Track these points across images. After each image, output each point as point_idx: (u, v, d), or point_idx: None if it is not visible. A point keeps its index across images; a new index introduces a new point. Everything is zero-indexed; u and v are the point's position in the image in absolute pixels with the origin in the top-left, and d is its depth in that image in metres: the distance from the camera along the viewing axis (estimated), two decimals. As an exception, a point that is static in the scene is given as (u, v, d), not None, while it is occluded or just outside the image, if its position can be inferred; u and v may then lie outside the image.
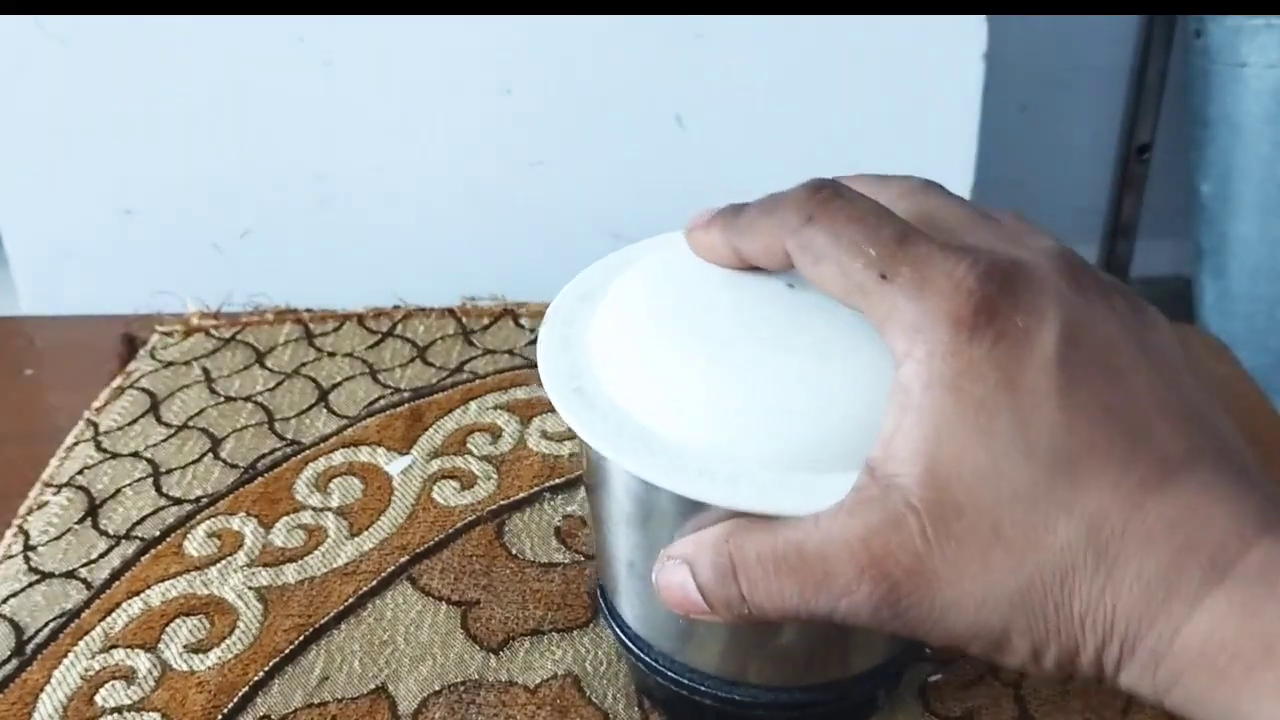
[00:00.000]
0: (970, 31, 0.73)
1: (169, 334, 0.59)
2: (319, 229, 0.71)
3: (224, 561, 0.45)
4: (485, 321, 0.60)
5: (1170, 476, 0.26)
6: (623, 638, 0.38)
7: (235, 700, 0.40)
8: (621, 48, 0.73)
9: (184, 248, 0.69)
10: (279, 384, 0.56)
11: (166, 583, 0.44)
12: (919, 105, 0.77)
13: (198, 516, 0.48)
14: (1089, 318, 0.28)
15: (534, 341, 0.59)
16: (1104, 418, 0.27)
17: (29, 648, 0.42)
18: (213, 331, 0.59)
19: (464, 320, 0.60)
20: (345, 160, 0.74)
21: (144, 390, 0.55)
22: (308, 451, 0.52)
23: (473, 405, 0.54)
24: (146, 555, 0.46)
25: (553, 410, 0.33)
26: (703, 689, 0.36)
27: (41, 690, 0.41)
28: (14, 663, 0.42)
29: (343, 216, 0.74)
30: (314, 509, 0.48)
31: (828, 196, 0.30)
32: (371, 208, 0.75)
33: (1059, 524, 0.26)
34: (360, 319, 0.60)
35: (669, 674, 0.36)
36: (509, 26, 0.70)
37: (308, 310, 0.61)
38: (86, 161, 0.73)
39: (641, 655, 0.37)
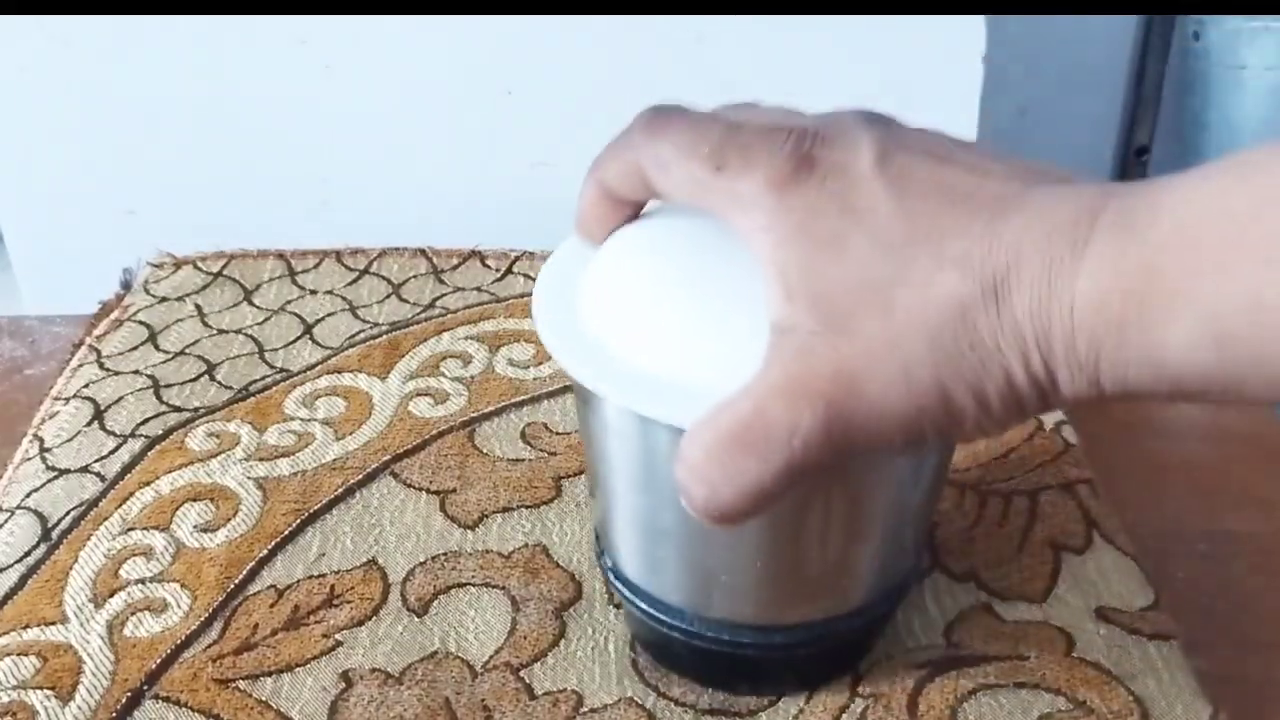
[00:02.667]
0: (970, 32, 0.73)
1: (159, 266, 0.64)
2: (320, 229, 0.69)
3: (224, 455, 0.51)
4: (454, 261, 0.66)
5: (1014, 202, 0.29)
6: (616, 583, 0.40)
7: (244, 573, 0.45)
8: (622, 49, 0.73)
9: (184, 248, 0.67)
10: (267, 319, 0.61)
11: (173, 474, 0.50)
12: (919, 105, 0.74)
13: (196, 421, 0.53)
14: (897, 133, 0.32)
15: (501, 279, 0.64)
16: (938, 189, 0.30)
17: (54, 534, 0.47)
18: (200, 265, 0.64)
19: (434, 260, 0.66)
20: (346, 161, 0.74)
21: (142, 323, 0.61)
22: (295, 377, 0.57)
23: (445, 336, 0.60)
24: (153, 451, 0.51)
25: (519, 340, 0.36)
26: (725, 637, 0.38)
27: (71, 569, 0.46)
28: (43, 548, 0.47)
29: (344, 217, 0.74)
30: (302, 419, 0.54)
31: (667, 114, 0.33)
32: (372, 209, 0.75)
33: (936, 278, 0.29)
34: (339, 255, 0.66)
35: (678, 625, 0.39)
36: (509, 27, 0.70)
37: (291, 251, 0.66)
38: (87, 161, 0.73)
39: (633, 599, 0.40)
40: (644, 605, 0.39)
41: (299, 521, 0.48)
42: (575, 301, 0.36)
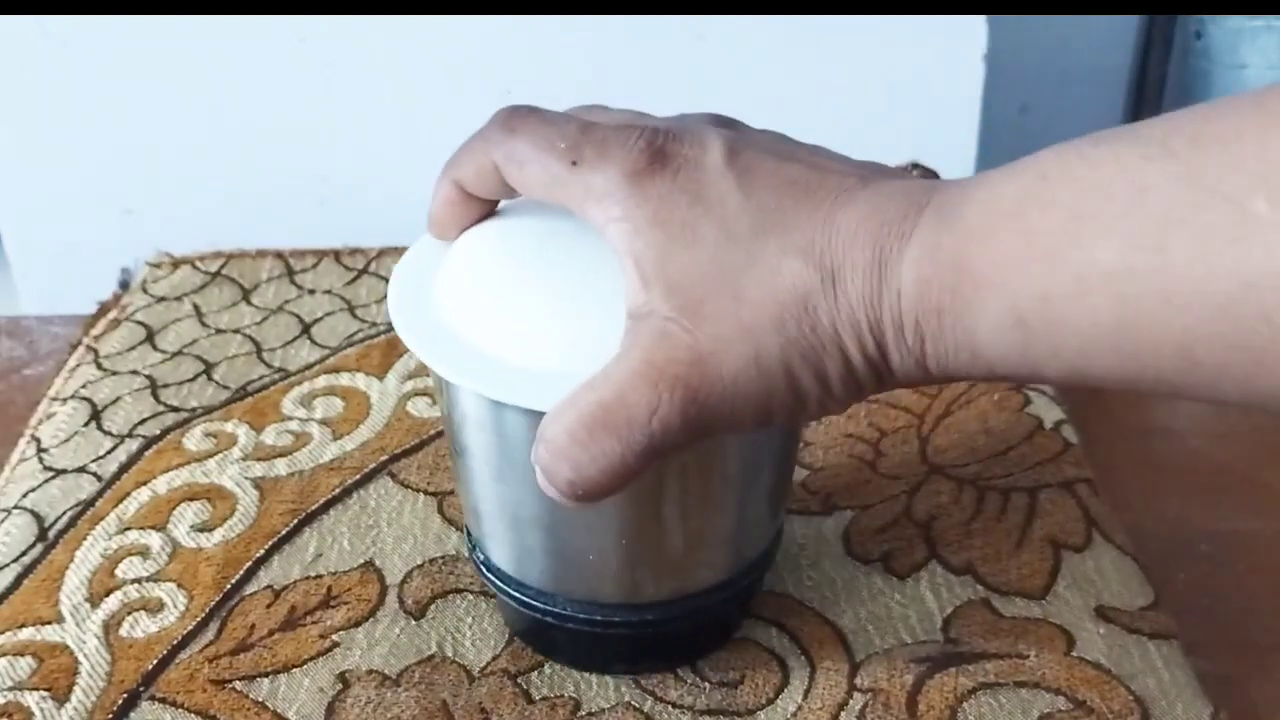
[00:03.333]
0: (970, 32, 0.74)
1: (157, 266, 0.64)
2: (318, 229, 0.70)
3: (221, 455, 0.51)
4: (453, 262, 0.66)
5: (851, 196, 0.32)
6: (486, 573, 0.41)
7: (241, 573, 0.45)
8: (621, 48, 0.73)
9: (182, 248, 0.67)
10: (265, 319, 0.61)
11: (170, 473, 0.50)
12: (919, 105, 0.77)
13: (193, 421, 0.53)
14: (744, 133, 0.34)
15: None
16: (783, 184, 0.32)
17: (51, 533, 0.47)
18: (198, 265, 0.64)
19: (433, 260, 0.66)
20: (345, 161, 0.74)
21: (139, 323, 0.60)
22: (293, 377, 0.57)
23: (442, 335, 0.60)
24: (149, 451, 0.51)
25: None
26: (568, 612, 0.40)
27: (67, 568, 0.46)
28: (39, 547, 0.47)
29: (342, 217, 0.73)
30: (300, 419, 0.54)
31: (523, 113, 0.35)
32: (370, 208, 0.75)
33: (781, 266, 0.31)
34: (337, 255, 0.66)
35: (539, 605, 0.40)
36: (509, 26, 0.71)
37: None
38: (86, 161, 0.73)
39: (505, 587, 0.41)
40: (516, 594, 0.40)
41: (296, 522, 0.48)
42: (431, 295, 0.37)
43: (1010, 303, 0.29)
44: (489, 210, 0.38)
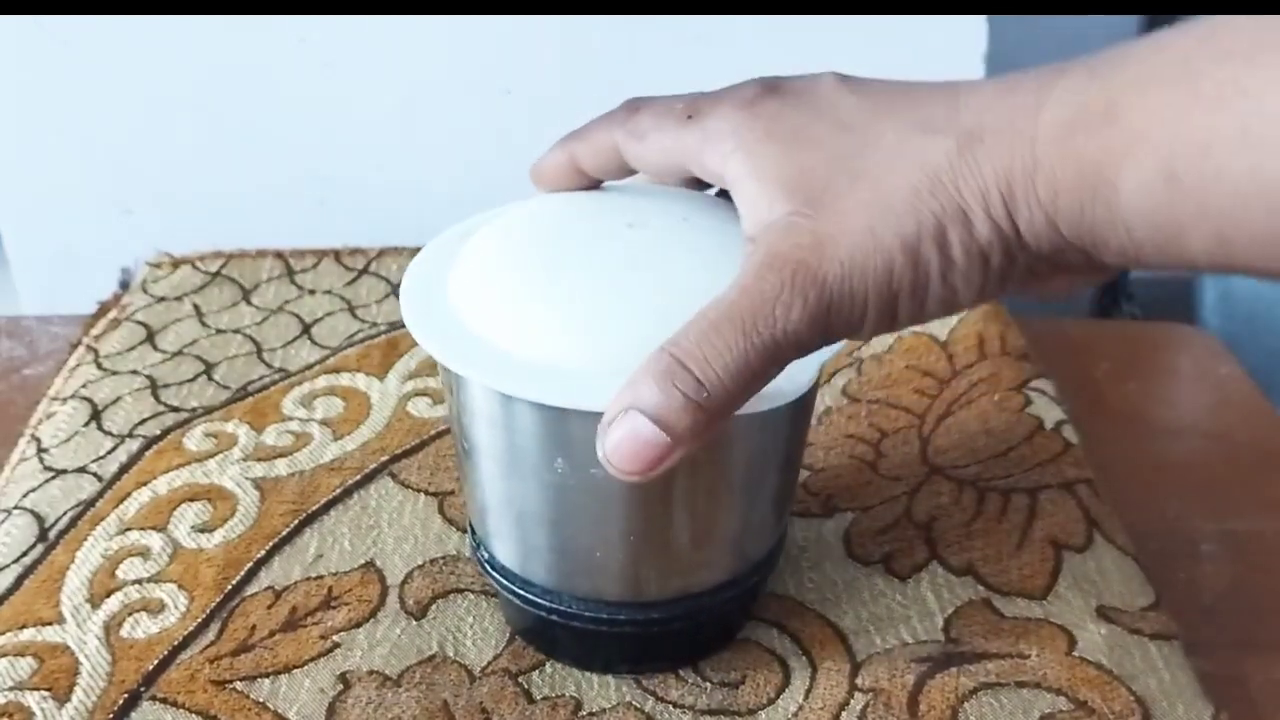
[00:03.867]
0: (970, 31, 0.73)
1: (158, 266, 0.64)
2: (318, 229, 0.70)
3: (221, 455, 0.51)
4: (453, 262, 0.66)
5: (974, 83, 0.32)
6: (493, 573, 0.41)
7: (242, 574, 0.45)
8: (621, 48, 0.72)
9: (182, 248, 0.67)
10: (265, 319, 0.61)
11: (170, 474, 0.50)
12: None
13: (193, 421, 0.53)
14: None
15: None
16: (898, 89, 0.33)
17: (51, 534, 0.47)
18: (198, 265, 0.64)
19: (433, 260, 0.65)
20: (345, 161, 0.74)
21: (139, 323, 0.60)
22: (293, 377, 0.57)
23: (443, 335, 0.60)
24: (150, 451, 0.51)
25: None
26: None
27: (68, 569, 0.45)
28: (39, 548, 0.47)
29: (342, 216, 0.73)
30: (300, 419, 0.54)
31: (646, 98, 0.37)
32: (370, 208, 0.75)
33: (899, 141, 0.32)
34: (337, 255, 0.66)
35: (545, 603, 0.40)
36: (509, 26, 0.70)
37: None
38: (86, 161, 0.73)
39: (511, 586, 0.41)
40: (520, 592, 0.40)
41: (297, 522, 0.48)
42: (443, 292, 0.38)
43: (1166, 154, 0.28)
44: (587, 188, 0.39)
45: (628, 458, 0.32)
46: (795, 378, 0.34)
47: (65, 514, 0.48)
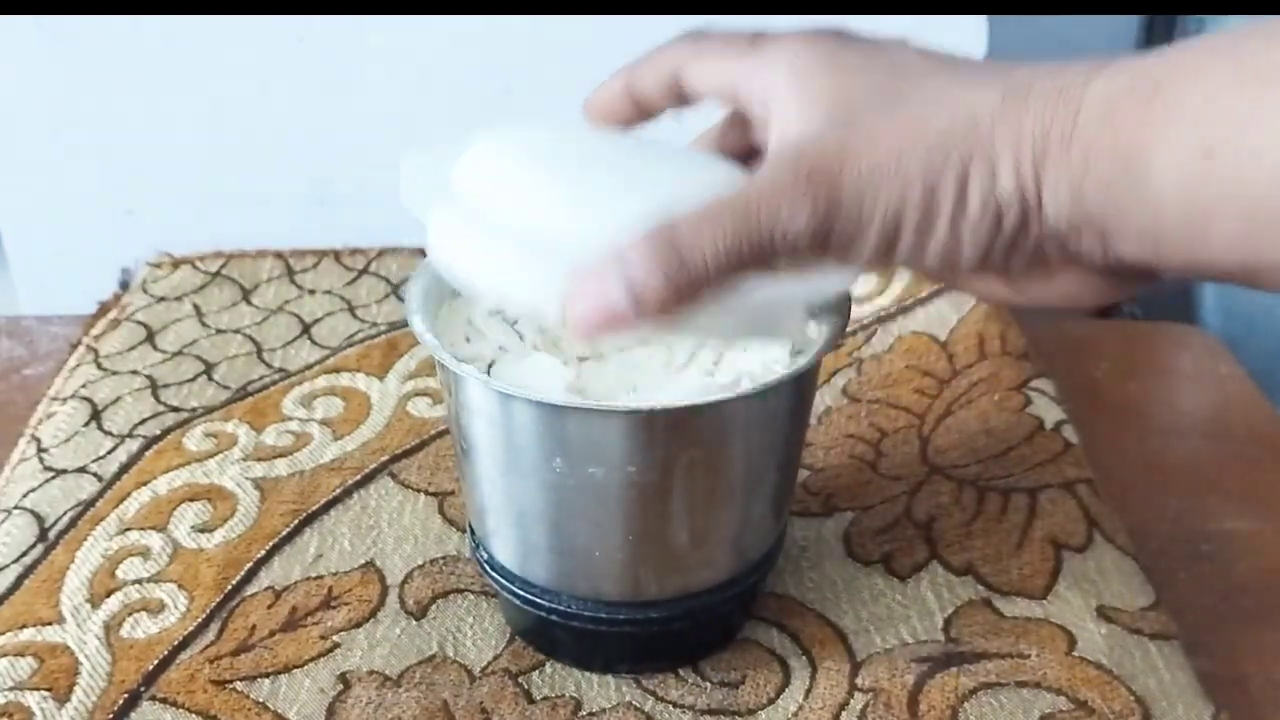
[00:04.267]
0: (970, 32, 0.73)
1: (158, 266, 0.64)
2: (318, 229, 0.70)
3: (221, 455, 0.51)
4: (453, 262, 0.66)
5: (1018, 65, 0.32)
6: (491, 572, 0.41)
7: (242, 574, 0.45)
8: (621, 48, 0.73)
9: (182, 248, 0.67)
10: (265, 319, 0.61)
11: (170, 474, 0.50)
12: None
13: (193, 421, 0.53)
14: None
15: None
16: (956, 60, 0.34)
17: (51, 534, 0.47)
18: (198, 265, 0.64)
19: (433, 260, 0.66)
20: (345, 161, 0.74)
21: (139, 323, 0.60)
22: (293, 377, 0.57)
23: (443, 335, 0.60)
24: (150, 451, 0.51)
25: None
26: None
27: (68, 569, 0.45)
28: (39, 548, 0.47)
29: (342, 217, 0.73)
30: (300, 419, 0.54)
31: (705, 28, 0.38)
32: (370, 208, 0.72)
33: (947, 89, 0.32)
34: (337, 255, 0.66)
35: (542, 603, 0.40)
36: (508, 26, 0.70)
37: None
38: (86, 161, 0.73)
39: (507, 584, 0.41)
40: (520, 592, 0.40)
41: (297, 522, 0.48)
42: (446, 179, 0.38)
43: (1205, 129, 0.29)
44: (638, 120, 0.40)
45: (587, 311, 0.31)
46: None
47: (65, 514, 0.48)
